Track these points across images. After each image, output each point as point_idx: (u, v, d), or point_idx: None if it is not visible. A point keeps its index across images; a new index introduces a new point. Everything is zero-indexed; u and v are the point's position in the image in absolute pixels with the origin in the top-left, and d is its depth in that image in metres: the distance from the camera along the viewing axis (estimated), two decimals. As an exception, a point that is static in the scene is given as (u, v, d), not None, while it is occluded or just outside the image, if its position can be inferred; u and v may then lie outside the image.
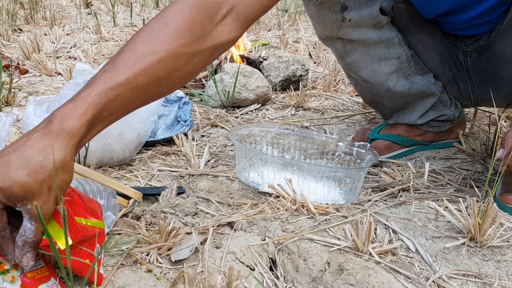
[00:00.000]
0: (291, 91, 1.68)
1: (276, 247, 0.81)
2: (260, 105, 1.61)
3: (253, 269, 0.76)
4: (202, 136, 1.34)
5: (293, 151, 1.13)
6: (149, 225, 0.85)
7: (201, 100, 1.63)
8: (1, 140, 0.89)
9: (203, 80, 1.77)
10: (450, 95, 1.21)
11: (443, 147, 1.28)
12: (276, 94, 1.76)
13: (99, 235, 0.70)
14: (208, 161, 1.16)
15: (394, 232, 0.88)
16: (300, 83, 1.79)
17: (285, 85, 1.79)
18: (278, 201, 0.95)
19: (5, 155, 0.57)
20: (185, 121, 1.32)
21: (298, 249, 0.79)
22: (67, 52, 2.27)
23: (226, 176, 1.07)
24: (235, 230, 0.85)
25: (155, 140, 1.23)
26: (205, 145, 1.25)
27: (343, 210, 0.93)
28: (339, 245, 0.80)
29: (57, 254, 0.61)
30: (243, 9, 0.75)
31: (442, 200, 0.97)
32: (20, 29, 2.78)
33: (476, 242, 0.84)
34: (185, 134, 1.27)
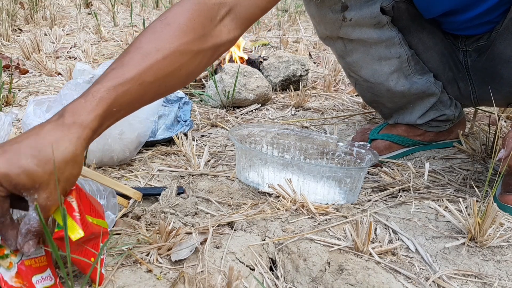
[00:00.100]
0: (291, 91, 1.68)
1: (276, 247, 0.81)
2: (260, 105, 1.61)
3: (253, 269, 0.76)
4: (202, 136, 1.34)
5: (293, 151, 1.13)
6: (149, 225, 0.85)
7: (201, 100, 1.63)
8: (1, 140, 0.89)
9: (203, 80, 1.77)
10: (450, 95, 1.21)
11: (443, 147, 1.28)
12: (276, 94, 1.76)
13: (103, 235, 0.70)
14: (208, 161, 1.16)
15: (394, 232, 0.88)
16: (300, 83, 1.78)
17: (285, 85, 1.79)
18: (278, 201, 0.95)
19: (16, 143, 0.58)
20: (185, 121, 1.32)
21: (298, 249, 0.79)
22: (67, 52, 2.27)
23: (226, 176, 1.07)
24: (235, 230, 0.85)
25: (155, 140, 1.23)
26: (205, 145, 1.25)
27: (343, 210, 0.93)
28: (339, 245, 0.80)
29: (56, 253, 0.61)
30: (241, 10, 0.78)
31: (442, 200, 0.97)
32: (20, 29, 2.78)
33: (476, 242, 0.84)
34: (185, 134, 1.27)
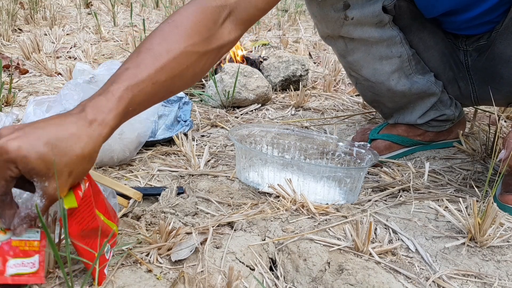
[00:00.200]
0: (291, 91, 1.68)
1: (276, 247, 0.81)
2: (260, 105, 1.61)
3: (253, 269, 0.76)
4: (202, 136, 1.34)
5: (293, 151, 1.13)
6: (149, 225, 0.85)
7: (201, 100, 1.63)
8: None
9: (203, 80, 1.77)
10: (451, 95, 1.21)
11: (443, 147, 1.28)
12: (276, 94, 1.76)
13: (112, 237, 0.72)
14: (208, 161, 1.16)
15: (394, 232, 0.88)
16: (300, 83, 1.78)
17: (285, 85, 1.79)
18: (278, 201, 0.95)
19: (38, 128, 0.59)
20: (185, 121, 1.32)
21: (298, 249, 0.79)
22: (67, 52, 2.27)
23: (226, 176, 1.07)
24: (235, 230, 0.85)
25: (155, 140, 1.23)
26: (205, 145, 1.25)
27: (343, 210, 0.93)
28: (339, 245, 0.80)
29: (56, 253, 0.61)
30: (240, 12, 0.81)
31: (442, 200, 0.97)
32: (20, 29, 2.78)
33: (476, 242, 0.84)
34: (185, 134, 1.27)
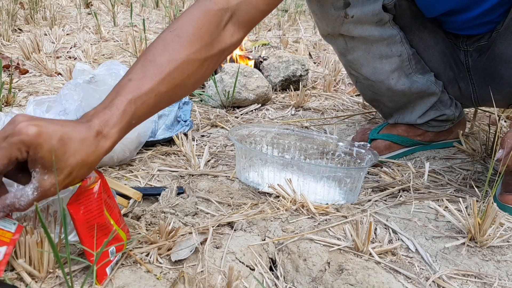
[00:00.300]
0: (291, 91, 1.68)
1: (276, 247, 0.81)
2: (260, 105, 1.61)
3: (253, 269, 0.76)
4: (202, 136, 1.34)
5: (293, 151, 1.13)
6: (149, 225, 0.85)
7: (201, 100, 1.63)
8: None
9: (203, 80, 1.77)
10: (451, 95, 1.21)
11: (443, 147, 1.28)
12: (276, 94, 1.76)
13: (116, 241, 0.72)
14: (208, 161, 1.16)
15: (394, 232, 0.88)
16: (300, 83, 1.78)
17: (285, 85, 1.79)
18: (278, 201, 0.95)
19: (54, 123, 0.60)
20: (185, 121, 1.32)
21: (298, 249, 0.79)
22: (67, 52, 2.27)
23: (226, 176, 1.07)
24: (235, 230, 0.85)
25: (155, 140, 1.23)
26: (205, 145, 1.25)
27: (343, 210, 0.93)
28: (339, 245, 0.80)
29: (56, 252, 0.61)
30: (242, 14, 0.82)
31: (442, 200, 0.97)
32: (20, 29, 2.78)
33: (476, 242, 0.84)
34: (185, 134, 1.27)
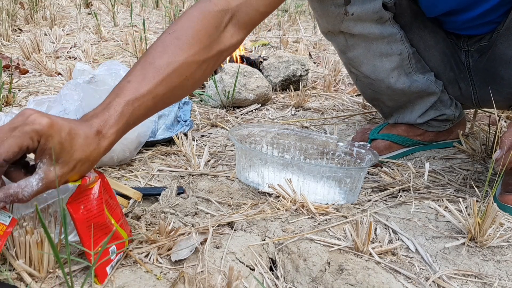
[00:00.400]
0: (291, 91, 1.68)
1: (276, 247, 0.81)
2: (260, 105, 1.61)
3: (253, 269, 0.76)
4: (202, 136, 1.34)
5: (293, 151, 1.13)
6: (149, 225, 0.85)
7: (201, 100, 1.64)
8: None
9: (203, 80, 1.77)
10: (451, 95, 1.21)
11: (443, 147, 1.28)
12: (276, 94, 1.76)
13: (116, 239, 0.72)
14: (208, 161, 1.16)
15: (394, 232, 0.88)
16: (300, 83, 1.78)
17: (285, 85, 1.79)
18: (278, 201, 0.95)
19: (63, 119, 0.62)
20: (185, 121, 1.32)
21: (298, 249, 0.79)
22: (67, 52, 2.27)
23: (226, 176, 1.07)
24: (235, 230, 0.85)
25: (155, 140, 1.23)
26: (205, 145, 1.25)
27: (343, 210, 0.93)
28: (339, 245, 0.80)
29: (56, 252, 0.61)
30: (242, 16, 0.83)
31: (442, 200, 0.97)
32: (20, 29, 2.78)
33: (476, 242, 0.84)
34: (185, 134, 1.27)
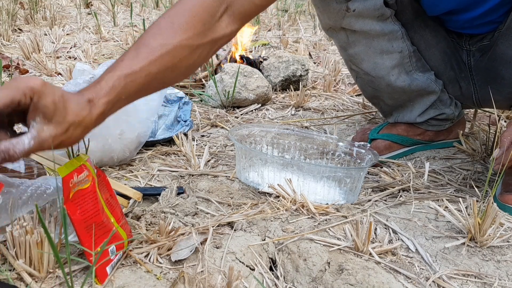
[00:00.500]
0: (291, 91, 1.68)
1: (276, 247, 0.81)
2: (260, 105, 1.61)
3: (253, 269, 0.76)
4: (202, 136, 1.34)
5: (293, 151, 1.13)
6: (149, 225, 0.85)
7: (201, 100, 1.63)
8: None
9: (203, 80, 1.77)
10: (451, 95, 1.21)
11: (443, 147, 1.28)
12: (276, 94, 1.76)
13: (116, 239, 0.72)
14: (208, 161, 1.16)
15: (394, 232, 0.88)
16: (300, 83, 1.78)
17: (285, 85, 1.79)
18: (278, 201, 0.95)
19: (56, 86, 0.64)
20: (185, 121, 1.32)
21: (298, 249, 0.79)
22: (67, 52, 2.27)
23: (226, 176, 1.07)
24: (235, 230, 0.85)
25: (155, 140, 1.23)
26: (205, 145, 1.25)
27: (343, 210, 0.93)
28: (339, 245, 0.80)
29: (56, 252, 0.61)
30: (237, 7, 0.83)
31: (442, 200, 0.97)
32: (20, 29, 2.78)
33: (476, 242, 0.84)
34: (185, 134, 1.27)
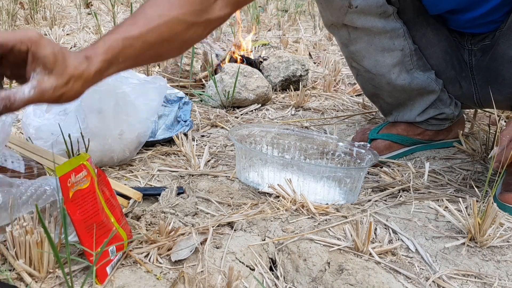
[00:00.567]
0: (291, 91, 1.68)
1: (276, 247, 0.81)
2: (260, 105, 1.61)
3: (253, 269, 0.76)
4: (202, 136, 1.34)
5: (293, 151, 1.13)
6: (149, 225, 0.85)
7: (201, 100, 1.63)
8: (1, 141, 0.89)
9: (203, 80, 1.77)
10: (451, 94, 1.21)
11: (443, 147, 1.27)
12: (276, 94, 1.76)
13: (116, 240, 0.72)
14: (208, 161, 1.16)
15: (394, 232, 0.88)
16: (300, 83, 1.78)
17: (285, 85, 1.79)
18: (278, 201, 0.95)
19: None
20: (185, 121, 1.32)
21: (298, 249, 0.79)
22: (67, 52, 2.26)
23: (226, 176, 1.07)
24: (235, 230, 0.85)
25: (155, 140, 1.23)
26: (205, 145, 1.25)
27: (343, 210, 0.93)
28: (339, 245, 0.80)
29: (56, 252, 0.61)
30: None
31: (442, 200, 0.97)
32: (20, 29, 2.78)
33: (476, 242, 0.84)
34: (185, 134, 1.27)
